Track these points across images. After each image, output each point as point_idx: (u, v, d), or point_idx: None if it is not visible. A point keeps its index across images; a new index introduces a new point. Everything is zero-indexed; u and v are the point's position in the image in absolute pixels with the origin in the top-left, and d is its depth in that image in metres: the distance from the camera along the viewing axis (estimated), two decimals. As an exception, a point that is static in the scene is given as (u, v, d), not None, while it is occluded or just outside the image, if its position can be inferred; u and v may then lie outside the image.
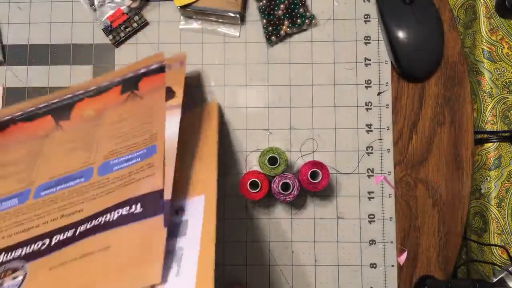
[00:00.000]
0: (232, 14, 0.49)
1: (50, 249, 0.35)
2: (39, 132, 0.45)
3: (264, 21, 0.50)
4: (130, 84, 0.46)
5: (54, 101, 0.47)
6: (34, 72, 0.51)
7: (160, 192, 0.36)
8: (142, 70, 0.46)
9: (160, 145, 0.39)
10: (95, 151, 0.42)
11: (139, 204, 0.35)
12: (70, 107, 0.46)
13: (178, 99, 0.41)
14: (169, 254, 0.33)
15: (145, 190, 0.36)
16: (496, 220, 0.57)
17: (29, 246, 0.36)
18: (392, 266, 0.49)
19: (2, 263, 0.35)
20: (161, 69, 0.45)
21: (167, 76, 0.44)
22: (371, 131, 0.50)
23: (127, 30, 0.50)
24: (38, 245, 0.36)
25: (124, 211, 0.35)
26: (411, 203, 0.49)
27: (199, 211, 0.36)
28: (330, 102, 0.50)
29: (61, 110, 0.46)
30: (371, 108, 0.50)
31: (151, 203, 0.35)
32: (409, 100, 0.50)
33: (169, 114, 0.41)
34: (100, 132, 0.43)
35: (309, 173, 0.44)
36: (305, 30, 0.51)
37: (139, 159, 0.39)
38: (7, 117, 0.46)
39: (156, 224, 0.34)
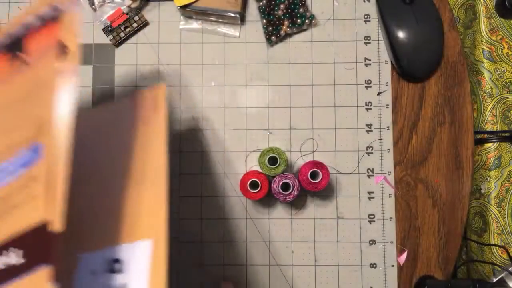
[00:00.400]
0: (232, 14, 0.49)
1: None
2: None
3: (264, 21, 0.50)
4: (14, 44, 0.32)
5: None
6: (34, 72, 0.51)
7: (46, 227, 0.23)
8: (28, 20, 0.32)
9: (49, 143, 0.25)
10: None
11: (19, 251, 0.23)
12: None
13: (73, 58, 0.27)
14: None
15: (26, 224, 0.23)
16: (496, 220, 0.57)
17: None
18: (392, 266, 0.49)
19: None
20: (53, 18, 0.31)
21: (62, 26, 0.30)
22: (371, 131, 0.50)
23: (127, 30, 0.50)
24: None
25: None
26: (411, 203, 0.49)
27: (143, 267, 0.24)
28: (330, 102, 0.50)
29: None
30: (371, 108, 0.50)
31: (35, 247, 0.23)
32: (409, 100, 0.50)
33: (59, 87, 0.26)
34: None
35: (309, 173, 0.44)
36: (305, 30, 0.51)
37: (21, 168, 0.25)
38: None
39: (40, 283, 0.22)
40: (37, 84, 0.28)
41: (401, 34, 0.48)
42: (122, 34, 0.50)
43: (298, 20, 0.49)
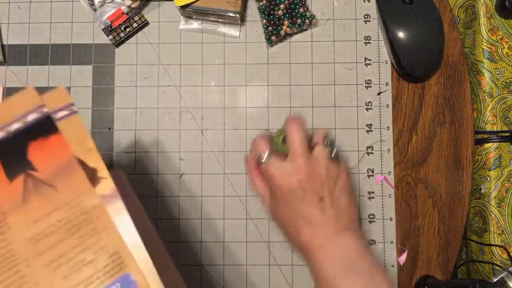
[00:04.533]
0: (232, 14, 0.49)
1: None
2: None
3: (264, 21, 0.50)
4: (12, 157, 0.29)
5: None
6: (34, 72, 0.51)
7: None
8: (16, 127, 0.29)
9: (138, 274, 0.27)
10: None
11: None
12: None
13: (108, 181, 0.28)
14: None
15: None
16: (496, 220, 0.57)
17: None
18: (392, 266, 0.49)
19: None
20: (49, 125, 0.29)
21: (68, 140, 0.29)
22: (371, 131, 0.50)
23: (127, 30, 0.50)
24: None
25: None
26: (411, 203, 0.49)
27: None
28: (330, 102, 0.50)
29: None
30: (371, 108, 0.50)
31: None
32: (409, 100, 0.50)
33: (113, 213, 0.28)
34: (23, 259, 0.27)
35: None
36: (305, 30, 0.51)
37: None
38: None
39: None
40: (79, 210, 0.28)
41: (401, 34, 0.48)
42: (122, 34, 0.50)
43: (298, 20, 0.49)
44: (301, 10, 0.49)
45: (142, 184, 0.49)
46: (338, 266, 0.36)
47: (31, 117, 0.30)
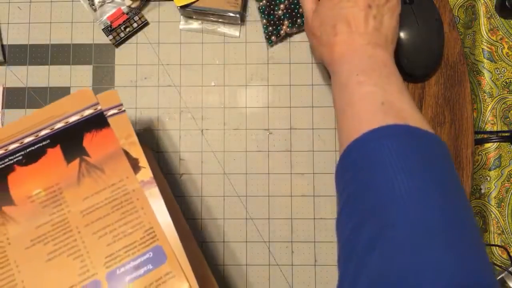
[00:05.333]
0: (232, 14, 0.49)
1: None
2: None
3: (264, 21, 0.50)
4: (70, 144, 0.36)
5: None
6: (34, 72, 0.51)
7: None
8: (75, 119, 0.36)
9: (167, 247, 0.33)
10: (87, 256, 0.33)
11: None
12: (2, 183, 0.34)
13: (147, 170, 0.34)
14: None
15: None
16: (496, 220, 0.57)
17: None
18: (392, 266, 0.48)
19: None
20: (102, 120, 0.36)
21: (118, 134, 0.36)
22: (371, 131, 0.50)
23: (127, 30, 0.50)
24: None
25: None
26: (411, 203, 0.49)
27: None
28: (330, 102, 0.50)
29: None
30: (371, 108, 0.50)
31: None
32: (409, 100, 0.50)
33: (149, 196, 0.34)
34: (75, 226, 0.34)
35: None
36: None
37: (151, 266, 0.32)
38: None
39: None
40: (122, 191, 0.34)
41: (401, 34, 0.48)
42: (122, 34, 0.50)
43: (298, 20, 0.49)
44: (301, 10, 0.49)
45: (142, 184, 0.49)
46: (359, 66, 0.37)
47: (87, 112, 0.36)
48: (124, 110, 0.37)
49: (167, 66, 0.51)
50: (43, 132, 0.36)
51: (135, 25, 0.50)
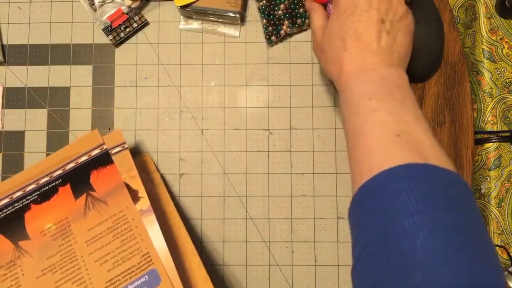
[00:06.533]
0: (232, 14, 0.49)
1: None
2: None
3: (264, 21, 0.50)
4: (78, 181, 0.40)
5: None
6: (34, 72, 0.51)
7: None
8: (84, 159, 0.40)
9: (162, 270, 0.36)
10: (89, 283, 0.36)
11: None
12: (19, 221, 0.38)
13: (146, 200, 0.38)
14: None
15: None
16: (496, 220, 0.57)
17: None
18: (392, 266, 0.48)
19: None
20: (107, 158, 0.40)
21: (121, 169, 0.40)
22: (371, 131, 0.50)
23: (127, 30, 0.50)
24: None
25: None
26: (411, 203, 0.49)
27: None
28: (330, 102, 0.50)
29: (10, 225, 0.38)
30: (371, 108, 0.50)
31: None
32: (409, 100, 0.50)
33: (146, 223, 0.37)
34: (80, 256, 0.37)
35: None
36: (305, 30, 0.51)
37: (147, 286, 0.36)
38: None
39: None
40: (123, 220, 0.38)
41: (401, 34, 0.48)
42: (122, 34, 0.50)
43: (298, 20, 0.49)
44: (301, 10, 0.49)
45: (142, 184, 0.49)
46: (371, 88, 0.34)
47: (95, 152, 0.40)
48: (126, 148, 0.40)
49: (167, 66, 0.51)
50: (56, 173, 0.40)
51: (135, 25, 0.50)
